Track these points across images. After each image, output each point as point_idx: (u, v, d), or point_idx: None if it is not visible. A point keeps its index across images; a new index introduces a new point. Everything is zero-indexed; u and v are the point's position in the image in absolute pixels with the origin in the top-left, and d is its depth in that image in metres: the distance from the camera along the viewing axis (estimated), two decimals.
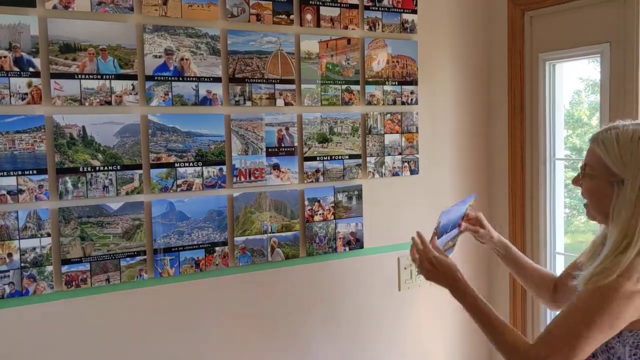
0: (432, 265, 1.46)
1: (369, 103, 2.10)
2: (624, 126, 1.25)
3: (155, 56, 1.73)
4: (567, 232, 2.36)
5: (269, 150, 1.92)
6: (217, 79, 1.82)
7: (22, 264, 1.58)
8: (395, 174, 2.16)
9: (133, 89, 1.70)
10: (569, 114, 2.34)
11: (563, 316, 1.25)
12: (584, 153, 1.35)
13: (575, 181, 1.36)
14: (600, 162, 1.26)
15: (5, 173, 1.55)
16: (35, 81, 1.58)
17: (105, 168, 1.67)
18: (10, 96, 1.55)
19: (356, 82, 2.07)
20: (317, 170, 2.01)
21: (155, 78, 1.73)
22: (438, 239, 1.52)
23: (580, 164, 1.35)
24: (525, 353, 1.25)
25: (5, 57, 1.54)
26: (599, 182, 1.26)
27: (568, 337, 1.20)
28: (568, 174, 2.26)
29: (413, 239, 1.53)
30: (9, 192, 1.56)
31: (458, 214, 1.64)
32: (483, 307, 1.36)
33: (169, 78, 1.75)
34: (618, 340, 1.25)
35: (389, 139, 2.15)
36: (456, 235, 1.68)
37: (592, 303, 1.19)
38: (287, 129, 1.95)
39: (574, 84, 2.33)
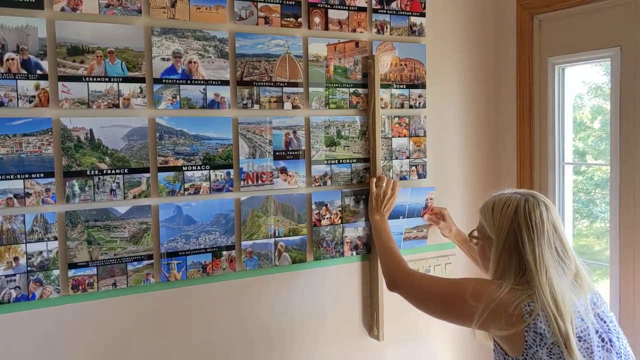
0: (382, 203, 1.94)
1: None
2: (502, 194, 1.45)
3: (163, 59, 1.72)
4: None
5: (277, 153, 1.91)
6: (225, 82, 1.81)
7: (29, 268, 1.57)
8: (403, 178, 2.14)
9: (141, 92, 1.69)
10: (572, 117, 2.33)
11: (440, 279, 1.58)
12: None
13: (471, 241, 1.59)
14: (481, 228, 1.47)
15: (12, 176, 1.54)
16: (43, 84, 1.57)
17: (113, 171, 1.66)
18: (18, 99, 1.54)
19: (364, 85, 2.06)
20: (325, 174, 2.00)
21: (163, 81, 1.72)
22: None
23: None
24: (400, 271, 1.66)
25: (12, 59, 1.53)
26: (483, 244, 1.48)
27: (420, 287, 1.55)
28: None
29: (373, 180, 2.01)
30: (15, 196, 1.55)
31: (417, 205, 1.92)
32: (392, 240, 1.83)
33: (177, 81, 1.74)
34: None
35: (396, 142, 2.13)
36: (424, 226, 2.13)
37: (451, 295, 1.44)
38: (294, 132, 1.94)
39: (577, 88, 2.32)
